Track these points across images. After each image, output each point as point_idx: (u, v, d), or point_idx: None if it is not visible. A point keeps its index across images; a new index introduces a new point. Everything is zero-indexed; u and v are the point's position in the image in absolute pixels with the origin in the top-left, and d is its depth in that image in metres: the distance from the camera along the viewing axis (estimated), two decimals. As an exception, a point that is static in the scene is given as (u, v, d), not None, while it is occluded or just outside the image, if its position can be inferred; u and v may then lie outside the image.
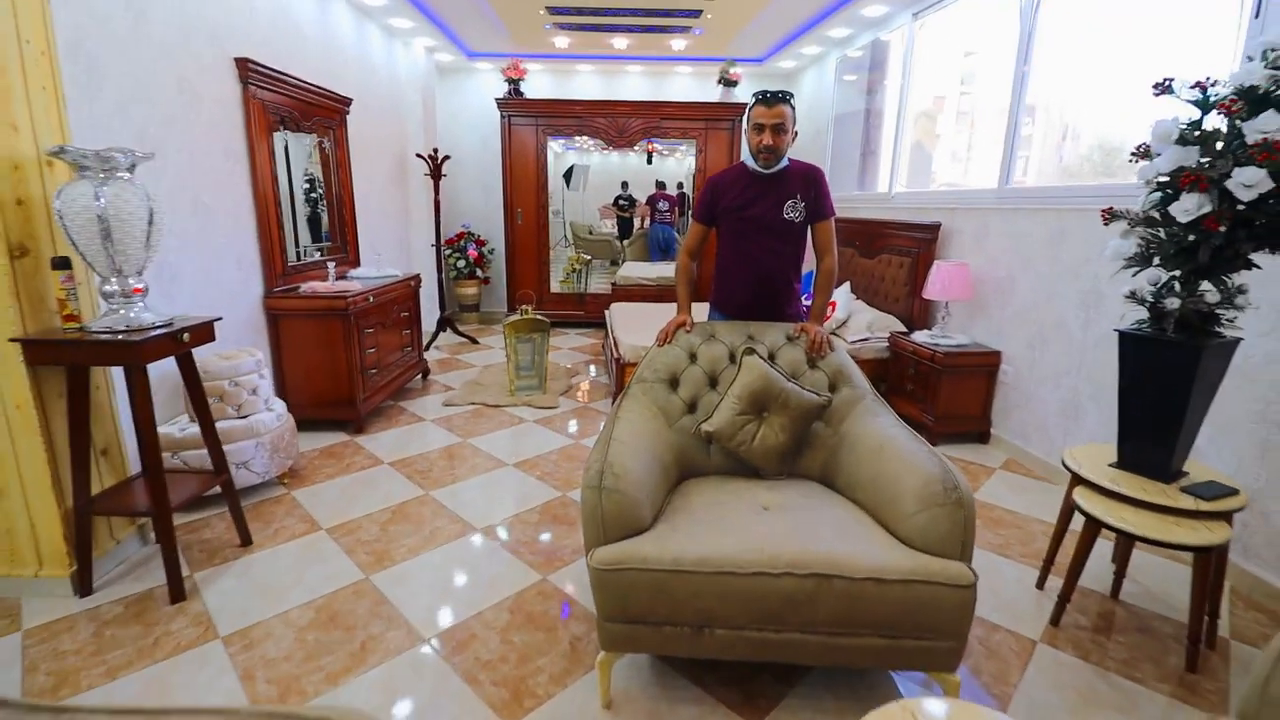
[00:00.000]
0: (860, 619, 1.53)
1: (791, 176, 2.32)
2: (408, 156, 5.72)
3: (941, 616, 1.52)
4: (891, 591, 1.51)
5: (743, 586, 1.53)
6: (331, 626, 1.98)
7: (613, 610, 1.58)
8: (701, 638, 1.58)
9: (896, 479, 1.76)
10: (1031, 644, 1.94)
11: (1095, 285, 2.85)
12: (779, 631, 1.55)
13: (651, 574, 1.54)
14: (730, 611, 1.54)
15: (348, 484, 2.97)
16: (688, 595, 1.54)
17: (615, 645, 1.62)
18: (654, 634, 1.59)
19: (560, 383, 4.58)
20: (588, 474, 1.69)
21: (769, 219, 2.33)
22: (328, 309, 3.46)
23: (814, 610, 1.53)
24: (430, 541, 2.47)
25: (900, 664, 1.59)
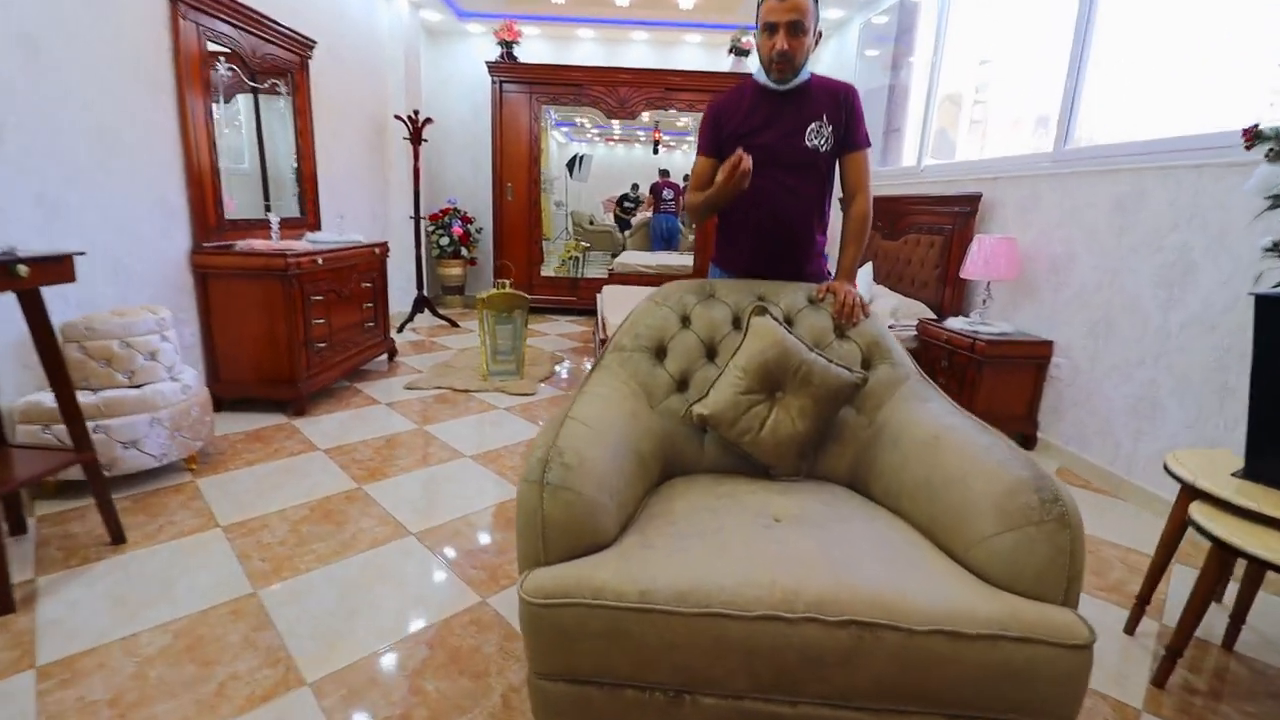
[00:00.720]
0: (920, 690, 1.01)
1: (815, 94, 1.78)
2: (387, 121, 5.23)
3: (1042, 690, 1.01)
4: (970, 651, 0.99)
5: (744, 636, 1.01)
6: (186, 659, 1.47)
7: (552, 664, 1.07)
8: (679, 710, 1.06)
9: (963, 484, 1.24)
10: (1134, 714, 1.42)
11: (1184, 256, 2.33)
12: (795, 704, 1.04)
13: (608, 611, 1.03)
14: (724, 671, 1.03)
15: (268, 473, 2.46)
16: (661, 645, 1.03)
17: (555, 716, 1.11)
18: (609, 701, 1.08)
19: (541, 369, 4.07)
20: (527, 463, 1.18)
21: (785, 148, 1.79)
22: (264, 268, 2.96)
23: (850, 675, 1.01)
24: (348, 547, 1.96)
25: None
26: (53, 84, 2.28)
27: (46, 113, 2.26)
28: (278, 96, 3.68)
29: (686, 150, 7.79)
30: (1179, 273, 2.35)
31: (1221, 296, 2.19)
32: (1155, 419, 2.43)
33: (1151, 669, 1.57)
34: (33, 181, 2.21)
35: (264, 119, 3.57)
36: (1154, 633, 1.71)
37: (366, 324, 3.83)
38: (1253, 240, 2.09)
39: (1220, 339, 2.19)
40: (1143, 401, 2.48)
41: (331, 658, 1.49)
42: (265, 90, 3.55)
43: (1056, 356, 2.90)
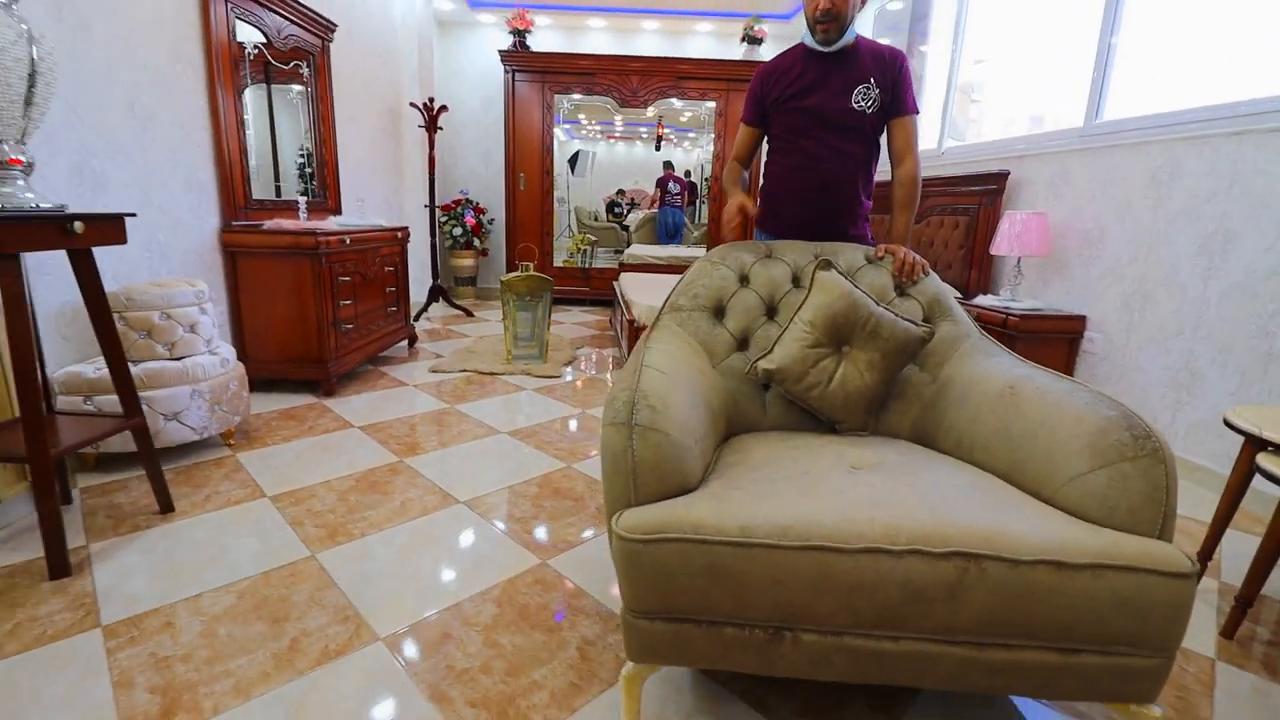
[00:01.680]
0: (1025, 623, 1.00)
1: (863, 56, 1.78)
2: (401, 110, 5.21)
3: (1148, 619, 1.00)
4: (1074, 582, 0.99)
5: (846, 570, 1.00)
6: (254, 617, 1.46)
7: (649, 602, 1.06)
8: (779, 647, 1.05)
9: (1046, 429, 1.24)
10: (1210, 664, 1.42)
11: (1223, 224, 2.34)
12: (897, 640, 1.03)
13: (708, 547, 1.02)
14: (826, 608, 1.02)
15: (306, 448, 2.44)
16: (763, 581, 1.02)
17: (650, 654, 1.10)
18: (708, 639, 1.07)
19: (563, 354, 4.06)
20: (611, 408, 1.17)
21: (833, 109, 1.79)
22: (294, 246, 2.94)
23: (954, 609, 1.00)
24: (400, 514, 1.95)
25: (1077, 692, 1.06)
26: (96, 60, 2.27)
27: (89, 87, 2.24)
28: (289, 86, 3.65)
29: (689, 147, 7.78)
30: (1219, 242, 2.35)
31: (1264, 263, 2.20)
32: (1195, 389, 2.44)
33: (1217, 622, 1.57)
34: (73, 153, 2.19)
35: (275, 105, 3.54)
36: (1215, 589, 1.71)
37: (389, 308, 3.81)
38: (1297, 205, 2.10)
39: (1264, 305, 2.20)
40: (1181, 372, 2.49)
41: (400, 614, 1.47)
42: (287, 73, 3.53)
43: (1090, 331, 2.90)
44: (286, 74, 3.54)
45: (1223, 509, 1.65)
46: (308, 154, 3.79)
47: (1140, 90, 2.83)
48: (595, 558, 1.74)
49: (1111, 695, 1.06)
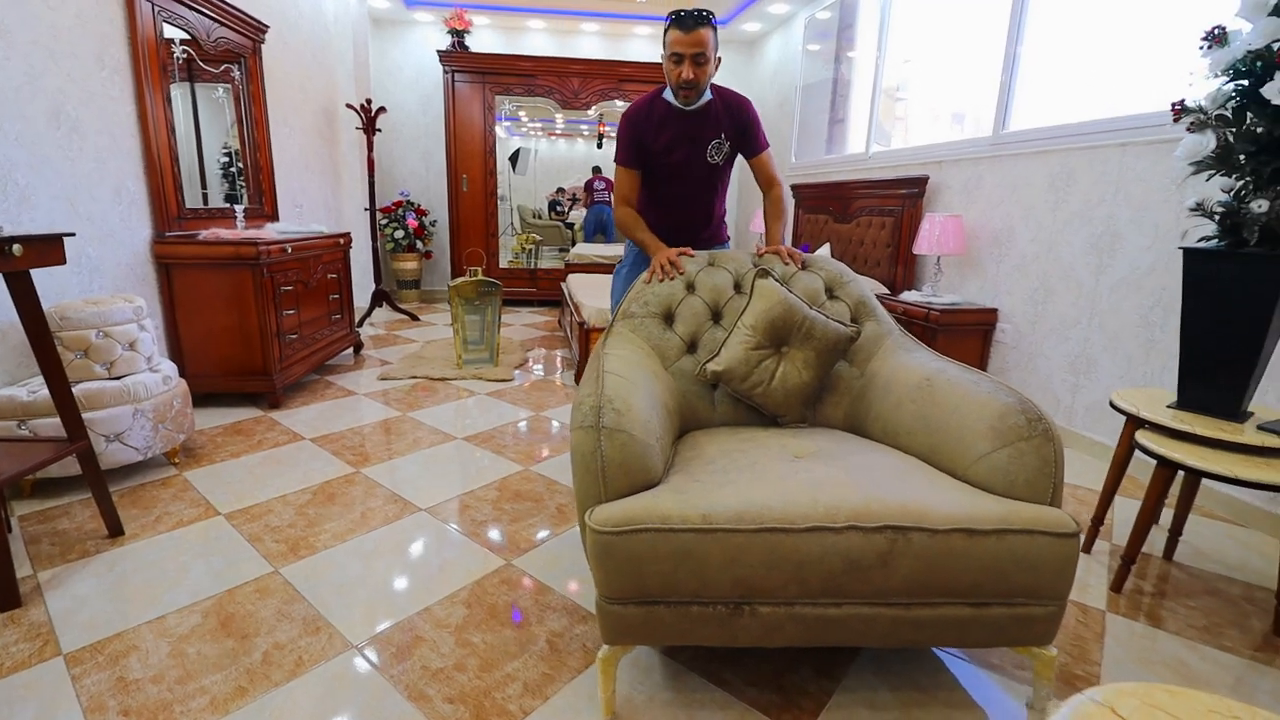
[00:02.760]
0: (943, 583, 1.17)
1: (714, 114, 2.04)
2: (337, 111, 5.10)
3: (1041, 574, 1.19)
4: (983, 545, 1.16)
5: (795, 547, 1.14)
6: (223, 634, 1.47)
7: (623, 588, 1.17)
8: (739, 620, 1.18)
9: (958, 414, 1.42)
10: (1100, 615, 1.64)
11: (1110, 227, 2.62)
12: (840, 605, 1.18)
13: (675, 535, 1.14)
14: (778, 581, 1.16)
15: (257, 462, 2.42)
16: (723, 561, 1.15)
17: (624, 636, 1.20)
18: (676, 618, 1.19)
19: (514, 356, 4.10)
20: (579, 412, 1.27)
21: (692, 163, 2.08)
22: (234, 257, 2.88)
23: (886, 575, 1.16)
24: (361, 525, 1.98)
25: (987, 639, 1.23)
26: (16, 68, 2.18)
27: (9, 96, 2.15)
28: (214, 85, 3.54)
29: (630, 143, 7.87)
30: (1108, 240, 2.64)
31: (1145, 260, 2.48)
32: (1090, 373, 2.72)
33: (1108, 579, 1.79)
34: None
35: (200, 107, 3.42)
36: (1106, 550, 1.95)
37: (333, 316, 3.76)
38: (1171, 209, 2.38)
39: (1145, 298, 2.48)
40: (1079, 359, 2.77)
41: (371, 622, 1.52)
42: (218, 76, 3.42)
43: (1001, 322, 3.18)
44: (212, 75, 3.43)
45: (1110, 479, 1.88)
46: (233, 153, 3.68)
47: (1041, 103, 3.11)
48: (558, 555, 1.83)
49: (1016, 640, 1.24)
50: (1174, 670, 1.45)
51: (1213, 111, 1.66)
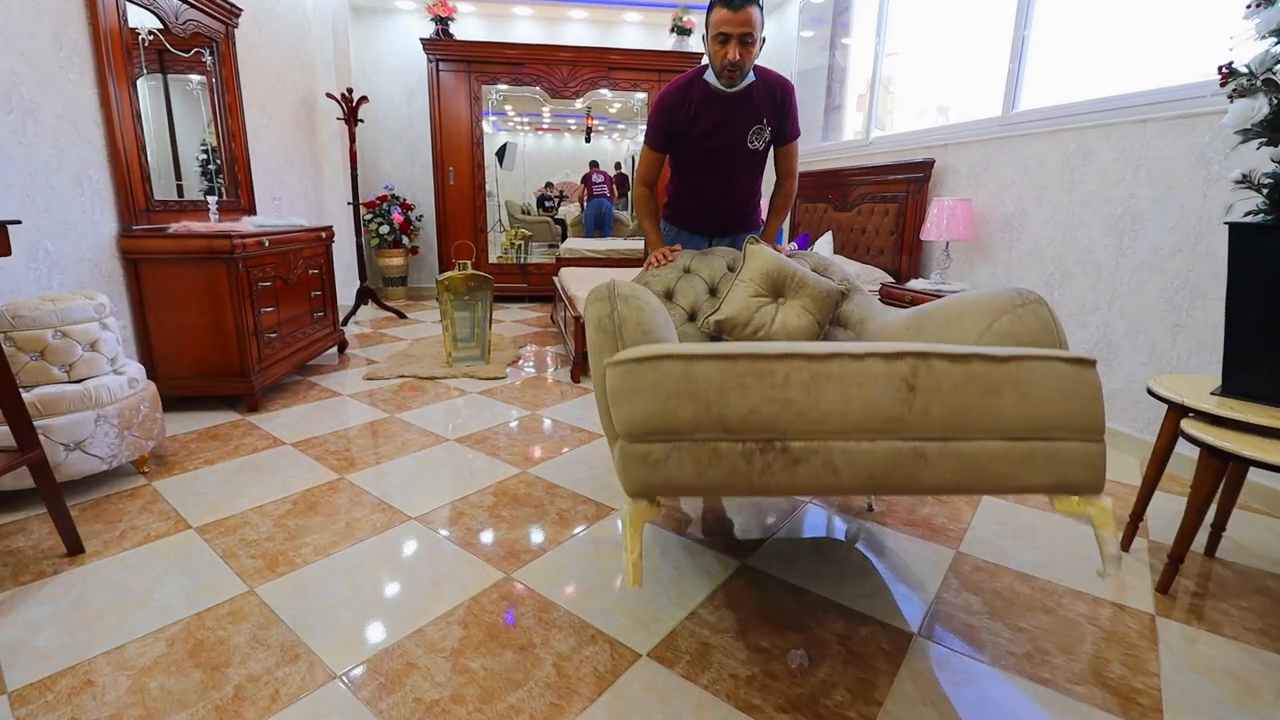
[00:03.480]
0: (973, 413, 1.08)
1: (758, 97, 1.98)
2: (316, 101, 4.90)
3: (1072, 404, 1.10)
4: (1003, 371, 1.08)
5: (817, 372, 1.06)
6: (190, 665, 1.32)
7: (647, 421, 1.07)
8: (770, 458, 1.06)
9: (957, 316, 1.46)
10: (1149, 619, 1.52)
11: (1131, 207, 2.50)
12: (873, 440, 1.08)
13: (698, 363, 1.06)
14: (804, 409, 1.05)
15: (233, 470, 2.26)
16: (746, 387, 1.05)
17: (648, 483, 1.09)
18: (702, 458, 1.07)
19: (506, 353, 3.94)
20: (593, 294, 1.36)
21: (734, 150, 2.04)
22: (208, 252, 2.70)
23: (914, 404, 1.07)
24: (346, 536, 1.82)
25: (1037, 481, 1.11)
26: (-51, 40, 1.99)
27: (-56, 73, 1.97)
28: (188, 76, 3.35)
29: (617, 138, 7.72)
30: (1129, 222, 2.52)
31: (1169, 241, 2.37)
32: (1111, 361, 2.61)
33: (1152, 579, 1.68)
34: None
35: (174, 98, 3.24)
36: (1145, 548, 1.84)
37: (315, 314, 3.59)
38: (1196, 187, 2.27)
39: (1170, 281, 2.37)
40: (1098, 345, 2.66)
41: (357, 647, 1.37)
42: (187, 62, 3.23)
43: (1014, 310, 3.06)
44: (186, 63, 3.25)
45: (1150, 472, 1.76)
46: (211, 149, 3.49)
47: (1054, 80, 2.99)
48: (562, 565, 1.68)
49: (1065, 484, 1.12)
50: (1237, 680, 1.33)
51: (1260, 75, 1.54)
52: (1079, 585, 1.65)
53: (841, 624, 1.47)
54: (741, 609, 1.51)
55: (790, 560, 1.72)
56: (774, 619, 1.48)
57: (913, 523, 1.95)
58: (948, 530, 1.91)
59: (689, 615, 1.48)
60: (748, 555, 1.75)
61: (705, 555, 1.74)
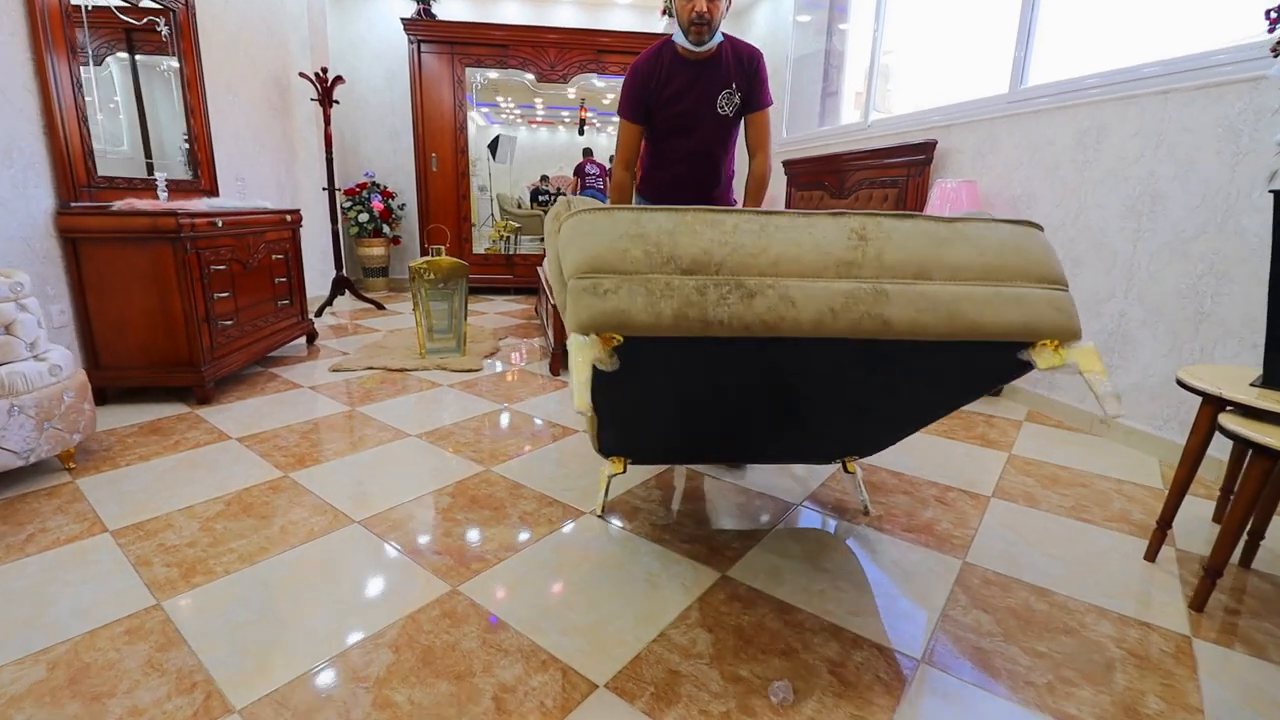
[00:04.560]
0: (931, 262, 1.01)
1: (726, 61, 2.00)
2: (290, 82, 4.69)
3: (1025, 256, 1.04)
4: (953, 228, 1.04)
5: (768, 224, 1.01)
6: (67, 696, 1.12)
7: (596, 256, 0.98)
8: (724, 291, 0.97)
9: None
10: (1185, 641, 1.33)
11: (1150, 186, 2.31)
12: (830, 280, 0.99)
13: (648, 213, 1.01)
14: (759, 256, 0.99)
15: (169, 467, 2.05)
16: (701, 231, 1.00)
17: (600, 311, 0.96)
18: (655, 289, 0.96)
19: (485, 345, 3.74)
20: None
21: (701, 114, 2.04)
22: (152, 230, 2.50)
23: (865, 253, 1.00)
24: (278, 542, 1.62)
25: (1008, 320, 1.00)
26: None
27: None
28: (159, 58, 3.15)
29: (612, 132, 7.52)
30: (1146, 203, 2.33)
31: (1193, 222, 2.18)
32: (1128, 353, 2.42)
33: (1184, 594, 1.49)
34: None
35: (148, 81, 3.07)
36: (1173, 558, 1.64)
37: (280, 301, 3.38)
38: (1223, 163, 2.08)
39: (1193, 265, 2.18)
40: (1114, 336, 2.47)
41: (265, 675, 1.17)
42: (141, 29, 3.03)
43: (1021, 299, 2.87)
44: (155, 44, 3.06)
45: (1182, 474, 1.57)
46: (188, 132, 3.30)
47: (1064, 54, 2.80)
48: (519, 578, 1.49)
49: (1035, 328, 1.01)
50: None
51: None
52: (1102, 600, 1.45)
53: (833, 648, 1.27)
54: (719, 629, 1.32)
55: (776, 572, 1.53)
56: (755, 641, 1.28)
57: (913, 528, 1.76)
58: (953, 537, 1.71)
59: (657, 637, 1.29)
60: (729, 565, 1.55)
61: (681, 565, 1.55)
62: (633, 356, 0.99)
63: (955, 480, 2.07)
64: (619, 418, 1.39)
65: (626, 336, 0.95)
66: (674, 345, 0.99)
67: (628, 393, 1.23)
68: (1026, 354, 1.02)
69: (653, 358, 1.06)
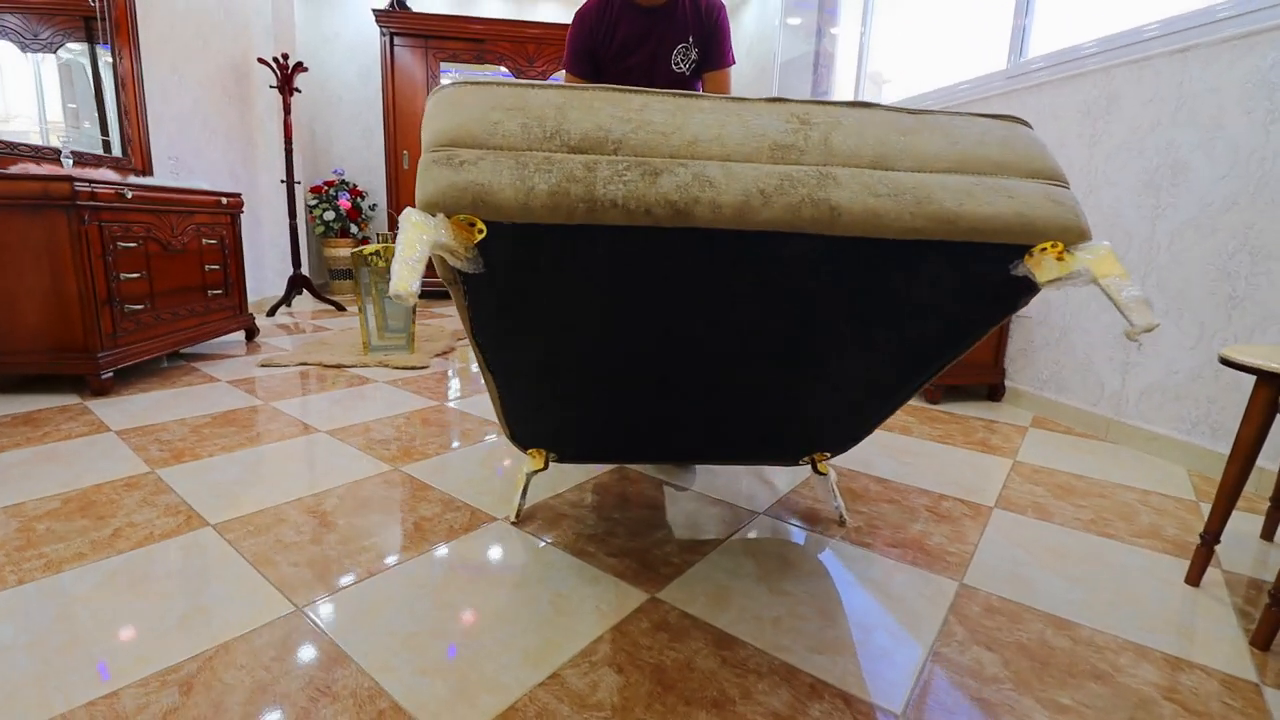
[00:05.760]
0: (895, 150, 0.77)
1: (681, 12, 1.77)
2: (250, 70, 4.45)
3: (1010, 148, 0.81)
4: (920, 118, 0.82)
5: (686, 104, 0.77)
6: None
7: (458, 128, 0.73)
8: (621, 167, 0.71)
9: None
10: (1253, 690, 1.00)
11: (1171, 156, 2.03)
12: (771, 163, 0.71)
13: (535, 89, 0.76)
14: (671, 136, 0.73)
15: (21, 460, 1.73)
16: (599, 108, 0.74)
17: (453, 185, 0.69)
18: (529, 161, 0.71)
19: (438, 344, 3.43)
20: None
21: (654, 71, 1.81)
22: (43, 196, 2.20)
23: (808, 137, 0.76)
24: (104, 547, 1.29)
25: (998, 213, 0.74)
26: None
27: None
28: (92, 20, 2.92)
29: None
30: (1166, 176, 2.05)
31: (1221, 193, 1.89)
32: (1147, 348, 2.12)
33: (1243, 628, 1.16)
34: None
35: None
36: (1221, 581, 1.32)
37: (211, 290, 3.08)
38: (1256, 122, 1.80)
39: (1223, 242, 1.89)
40: (1129, 329, 2.17)
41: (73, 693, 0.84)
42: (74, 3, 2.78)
43: (1024, 292, 2.58)
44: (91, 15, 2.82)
45: (1232, 474, 1.25)
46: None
47: (1065, 23, 2.55)
48: (387, 599, 1.16)
49: (1031, 227, 0.75)
50: None
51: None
52: (1139, 635, 1.13)
53: (782, 696, 0.94)
54: (631, 669, 0.99)
55: (721, 594, 1.20)
56: (679, 687, 0.95)
57: (899, 543, 1.44)
58: (947, 554, 1.39)
59: (547, 679, 0.96)
60: (662, 585, 1.22)
61: (601, 584, 1.22)
62: (501, 255, 0.69)
63: (951, 488, 1.75)
64: (515, 379, 1.09)
65: (490, 224, 0.66)
66: (553, 239, 0.70)
67: (512, 329, 0.93)
68: (1022, 265, 0.74)
69: (527, 261, 0.76)
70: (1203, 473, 1.92)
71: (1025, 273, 0.78)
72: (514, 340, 0.97)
